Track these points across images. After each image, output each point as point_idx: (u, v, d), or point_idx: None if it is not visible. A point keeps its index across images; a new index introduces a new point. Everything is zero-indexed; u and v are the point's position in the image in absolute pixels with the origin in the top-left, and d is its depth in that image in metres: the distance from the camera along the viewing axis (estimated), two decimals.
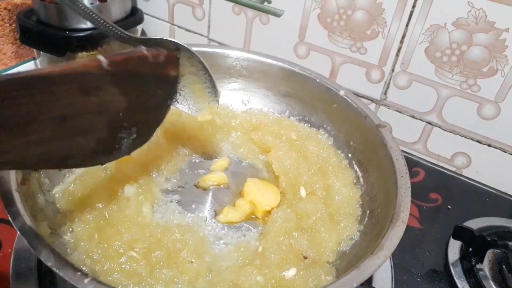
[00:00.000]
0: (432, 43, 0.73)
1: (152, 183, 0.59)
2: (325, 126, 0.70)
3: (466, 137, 0.78)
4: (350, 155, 0.66)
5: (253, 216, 0.58)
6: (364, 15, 0.77)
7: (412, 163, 0.81)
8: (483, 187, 0.78)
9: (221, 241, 0.54)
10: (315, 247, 0.52)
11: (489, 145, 0.77)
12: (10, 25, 0.78)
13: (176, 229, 0.52)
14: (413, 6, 0.72)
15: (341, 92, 0.67)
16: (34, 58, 0.87)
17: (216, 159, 0.67)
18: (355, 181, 0.62)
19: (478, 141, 0.78)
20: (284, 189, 0.61)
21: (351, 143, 0.66)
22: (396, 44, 0.77)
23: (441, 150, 0.82)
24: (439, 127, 0.80)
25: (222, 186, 0.63)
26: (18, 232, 0.40)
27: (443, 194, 0.75)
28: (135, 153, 0.61)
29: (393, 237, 0.45)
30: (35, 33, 0.70)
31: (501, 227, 0.67)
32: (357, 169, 0.64)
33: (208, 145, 0.68)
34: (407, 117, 0.82)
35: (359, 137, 0.64)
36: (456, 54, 0.72)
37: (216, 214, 0.58)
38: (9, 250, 0.55)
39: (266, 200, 0.59)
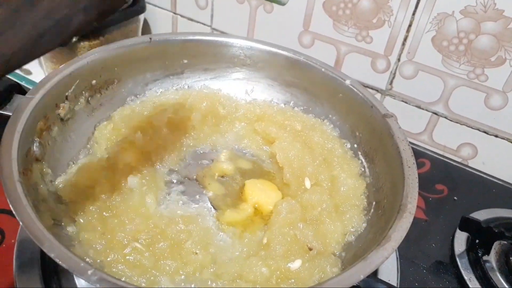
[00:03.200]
0: (439, 32, 0.72)
1: (155, 174, 0.59)
2: (330, 116, 0.69)
3: (472, 128, 0.77)
4: (355, 145, 0.65)
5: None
6: (370, 4, 0.76)
7: (417, 154, 0.80)
8: (490, 178, 0.77)
9: (226, 232, 0.54)
10: (320, 239, 0.52)
11: (496, 136, 0.76)
12: None
13: (180, 220, 0.51)
14: None
15: (347, 82, 0.66)
16: None
17: (220, 150, 0.66)
18: (360, 172, 0.62)
19: (485, 132, 0.77)
20: (289, 180, 0.60)
21: (357, 134, 0.65)
22: (403, 33, 0.76)
23: (447, 140, 0.81)
24: (445, 117, 0.79)
25: (226, 177, 0.62)
26: (21, 223, 0.40)
27: (449, 185, 0.74)
28: (139, 144, 0.60)
29: (400, 228, 0.44)
30: None
31: (508, 219, 0.66)
32: (363, 160, 0.63)
33: (212, 136, 0.67)
34: (413, 107, 0.81)
35: (365, 127, 0.64)
36: (464, 43, 0.71)
37: (213, 201, 0.58)
38: (12, 241, 0.54)
39: (270, 198, 0.58)
